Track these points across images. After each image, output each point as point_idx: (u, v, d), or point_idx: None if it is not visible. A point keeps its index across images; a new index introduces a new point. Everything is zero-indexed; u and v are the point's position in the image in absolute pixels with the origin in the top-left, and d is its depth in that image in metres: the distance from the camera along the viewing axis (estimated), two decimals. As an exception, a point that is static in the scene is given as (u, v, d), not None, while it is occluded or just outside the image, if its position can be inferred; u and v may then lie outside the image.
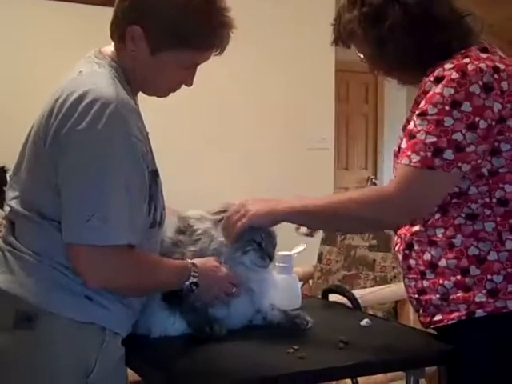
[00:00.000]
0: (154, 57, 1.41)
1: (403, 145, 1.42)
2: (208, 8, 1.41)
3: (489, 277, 1.40)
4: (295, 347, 1.40)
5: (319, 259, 3.15)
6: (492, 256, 1.40)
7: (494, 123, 1.36)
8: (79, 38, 3.40)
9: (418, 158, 1.36)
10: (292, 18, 4.05)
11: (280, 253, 1.75)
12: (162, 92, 1.51)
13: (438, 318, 1.46)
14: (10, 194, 1.44)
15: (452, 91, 1.35)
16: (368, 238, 2.98)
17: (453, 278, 1.42)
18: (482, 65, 1.37)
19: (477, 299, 1.40)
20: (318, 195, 1.51)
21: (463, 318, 1.42)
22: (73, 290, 1.33)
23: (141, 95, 1.54)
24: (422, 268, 1.48)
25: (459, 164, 1.35)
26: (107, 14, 1.47)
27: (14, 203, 1.41)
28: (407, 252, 1.51)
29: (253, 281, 1.55)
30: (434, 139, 1.35)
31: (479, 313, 1.40)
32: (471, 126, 1.34)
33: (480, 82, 1.35)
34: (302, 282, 3.02)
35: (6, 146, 2.31)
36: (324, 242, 3.13)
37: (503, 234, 1.40)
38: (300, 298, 1.80)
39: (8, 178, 3.01)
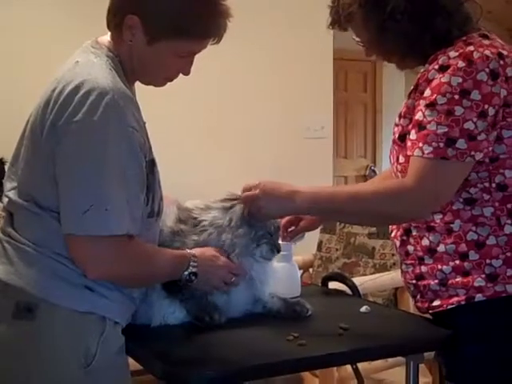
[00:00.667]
0: (152, 46, 1.41)
1: (412, 136, 1.39)
2: None
3: (488, 261, 1.40)
4: (295, 334, 1.41)
5: (319, 247, 3.16)
6: (491, 240, 1.40)
7: (500, 109, 1.36)
8: (76, 27, 3.39)
9: (431, 148, 1.34)
10: (289, 6, 4.04)
11: (280, 241, 1.76)
12: (159, 81, 1.51)
13: (436, 303, 1.46)
14: (8, 184, 1.44)
15: (460, 80, 1.34)
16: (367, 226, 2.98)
17: (451, 263, 1.43)
18: (487, 52, 1.36)
19: (476, 284, 1.40)
20: (317, 184, 1.52)
21: (462, 302, 1.42)
22: (73, 281, 1.33)
23: (138, 85, 1.53)
24: (420, 254, 1.48)
25: (472, 153, 1.35)
26: (105, 2, 1.47)
27: (12, 194, 1.42)
28: (405, 238, 1.51)
29: (253, 269, 1.55)
30: (446, 129, 1.34)
31: (479, 297, 1.40)
32: (481, 114, 1.34)
33: (487, 69, 1.34)
34: (301, 271, 3.04)
35: (4, 138, 2.31)
36: (323, 230, 3.14)
37: (501, 219, 1.40)
38: (299, 285, 1.81)
39: (6, 170, 3.04)
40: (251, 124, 3.97)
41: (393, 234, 1.57)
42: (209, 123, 3.83)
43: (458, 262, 1.42)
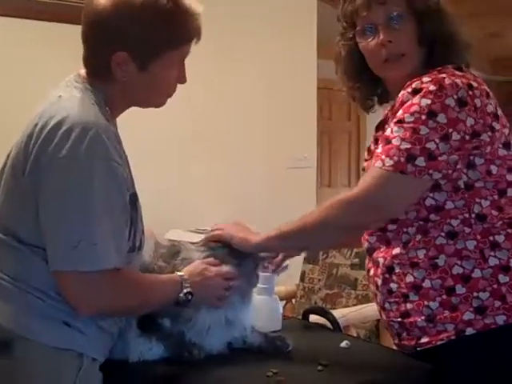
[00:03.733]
0: (145, 72, 1.43)
1: (379, 149, 1.45)
2: (170, 6, 1.41)
3: (475, 294, 1.41)
4: (274, 370, 1.40)
5: (302, 278, 3.15)
6: (476, 273, 1.42)
7: (467, 137, 1.40)
8: (57, 62, 3.40)
9: (392, 162, 1.39)
10: (274, 36, 4.08)
11: (262, 273, 1.76)
12: (163, 100, 1.52)
13: (424, 340, 1.46)
14: (-14, 218, 1.43)
15: (429, 102, 1.39)
16: (350, 257, 2.99)
17: (438, 298, 1.43)
18: (458, 80, 1.41)
19: (465, 317, 1.41)
20: (301, 213, 1.52)
21: (453, 337, 1.42)
22: (50, 316, 1.32)
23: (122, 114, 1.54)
24: (404, 291, 1.48)
25: (430, 171, 1.39)
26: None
27: (-11, 228, 1.41)
28: (387, 276, 1.51)
29: (233, 306, 1.55)
30: (409, 146, 1.38)
31: (469, 331, 1.41)
32: (444, 136, 1.38)
33: (455, 96, 1.39)
34: (284, 301, 3.03)
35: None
36: (306, 260, 3.14)
37: (485, 251, 1.42)
38: (280, 320, 1.80)
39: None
40: (235, 153, 3.98)
41: (371, 273, 1.57)
42: (192, 152, 3.83)
43: (444, 296, 1.43)
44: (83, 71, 1.48)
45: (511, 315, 1.40)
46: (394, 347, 1.63)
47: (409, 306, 1.47)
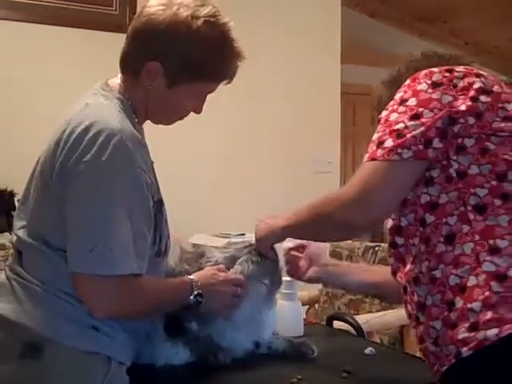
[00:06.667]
0: (171, 90, 1.45)
1: None
2: (223, 41, 1.46)
3: (469, 306, 1.20)
4: (299, 377, 1.41)
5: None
6: (471, 281, 1.21)
7: (446, 117, 1.27)
8: (85, 64, 3.45)
9: (367, 154, 1.32)
10: (298, 41, 4.09)
11: (285, 278, 1.77)
12: (173, 121, 1.56)
13: (435, 367, 1.27)
14: (18, 223, 1.46)
15: (402, 93, 1.34)
16: (374, 262, 2.97)
17: (441, 316, 1.24)
18: (435, 68, 1.34)
19: (460, 336, 1.20)
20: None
21: (453, 361, 1.21)
22: (79, 320, 1.35)
23: (149, 124, 1.56)
24: (415, 312, 1.32)
25: (399, 150, 1.27)
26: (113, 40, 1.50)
27: (21, 233, 1.43)
28: (405, 297, 1.36)
29: (258, 310, 1.56)
30: (380, 134, 1.31)
31: (465, 352, 1.19)
32: (414, 115, 1.28)
33: (429, 81, 1.31)
34: (307, 307, 3.03)
35: (15, 172, 2.33)
36: (330, 265, 3.12)
37: (481, 255, 1.22)
38: (302, 325, 1.81)
39: (16, 202, 3.07)
40: (259, 158, 4.00)
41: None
42: (216, 158, 3.86)
43: (446, 313, 1.23)
44: (110, 80, 1.51)
45: (503, 328, 1.16)
46: (419, 354, 1.61)
47: (421, 328, 1.30)
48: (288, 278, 1.78)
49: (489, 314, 1.18)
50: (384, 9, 5.66)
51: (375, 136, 1.32)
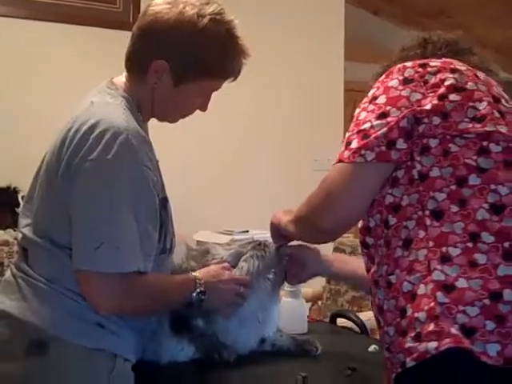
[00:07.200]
0: (177, 88, 1.46)
1: None
2: (229, 38, 1.46)
3: (416, 315, 1.14)
4: (303, 374, 1.41)
5: (328, 280, 3.15)
6: (421, 290, 1.15)
7: (406, 114, 1.22)
8: (89, 61, 3.46)
9: (336, 156, 1.27)
10: (301, 39, 4.09)
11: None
12: (177, 119, 1.56)
13: (389, 374, 1.18)
14: (23, 221, 1.47)
15: (374, 89, 1.29)
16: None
17: (394, 322, 1.18)
18: (408, 63, 1.29)
19: (406, 345, 1.13)
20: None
21: (399, 370, 1.14)
22: (84, 317, 1.35)
23: (153, 122, 1.57)
24: (376, 315, 1.27)
25: (363, 151, 1.22)
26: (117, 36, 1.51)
27: (26, 230, 1.44)
28: (371, 299, 1.30)
29: (262, 307, 1.57)
30: (349, 134, 1.27)
31: (409, 362, 1.12)
32: (381, 115, 1.23)
33: (400, 77, 1.26)
34: (310, 304, 3.04)
35: (18, 169, 2.34)
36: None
37: (432, 263, 1.15)
38: (306, 323, 1.81)
39: (20, 199, 3.09)
40: (260, 155, 4.00)
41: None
42: (219, 155, 3.87)
43: (398, 319, 1.17)
44: (116, 79, 1.51)
45: (441, 342, 1.09)
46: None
47: (380, 332, 1.25)
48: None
49: (431, 326, 1.11)
50: (387, 6, 5.66)
51: (346, 135, 1.28)
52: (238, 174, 3.93)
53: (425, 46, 1.50)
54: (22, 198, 3.02)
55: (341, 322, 1.97)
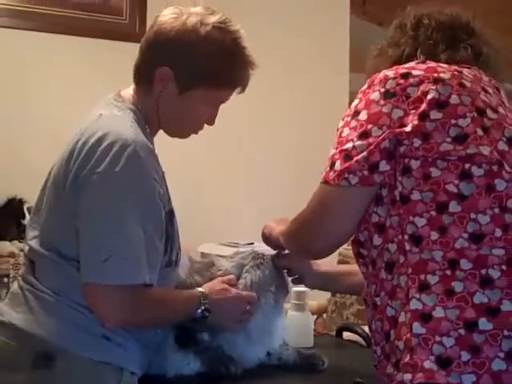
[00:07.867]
0: (182, 96, 1.47)
1: None
2: (234, 47, 1.47)
3: (396, 343, 1.14)
4: (310, 388, 1.41)
5: (333, 293, 3.14)
6: (401, 317, 1.14)
7: (387, 136, 1.19)
8: (95, 73, 3.47)
9: (322, 175, 1.26)
10: (306, 49, 4.10)
11: (295, 288, 1.76)
12: (186, 133, 1.57)
13: None
14: (30, 233, 1.47)
15: (357, 101, 1.26)
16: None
17: (381, 344, 1.19)
18: (390, 72, 1.24)
19: (387, 370, 1.15)
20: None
21: None
22: (91, 330, 1.35)
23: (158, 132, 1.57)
24: (369, 330, 1.29)
25: (346, 175, 1.19)
26: (124, 48, 1.52)
27: (33, 243, 1.44)
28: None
29: (269, 321, 1.56)
30: (333, 152, 1.25)
31: None
32: (363, 134, 1.20)
33: (382, 89, 1.22)
34: (315, 316, 3.03)
35: (24, 180, 2.35)
36: (338, 275, 3.12)
37: (410, 291, 1.14)
38: (312, 336, 1.81)
39: (25, 210, 3.09)
40: (267, 165, 4.00)
41: None
42: (224, 166, 3.87)
43: (384, 343, 1.18)
44: (123, 91, 1.52)
45: (415, 375, 1.09)
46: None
47: (372, 349, 1.25)
48: (298, 288, 1.79)
49: (407, 357, 1.11)
50: (392, 18, 5.67)
51: (331, 152, 1.25)
52: (244, 186, 3.92)
53: (416, 30, 1.43)
54: (28, 209, 3.03)
55: (347, 335, 1.96)
